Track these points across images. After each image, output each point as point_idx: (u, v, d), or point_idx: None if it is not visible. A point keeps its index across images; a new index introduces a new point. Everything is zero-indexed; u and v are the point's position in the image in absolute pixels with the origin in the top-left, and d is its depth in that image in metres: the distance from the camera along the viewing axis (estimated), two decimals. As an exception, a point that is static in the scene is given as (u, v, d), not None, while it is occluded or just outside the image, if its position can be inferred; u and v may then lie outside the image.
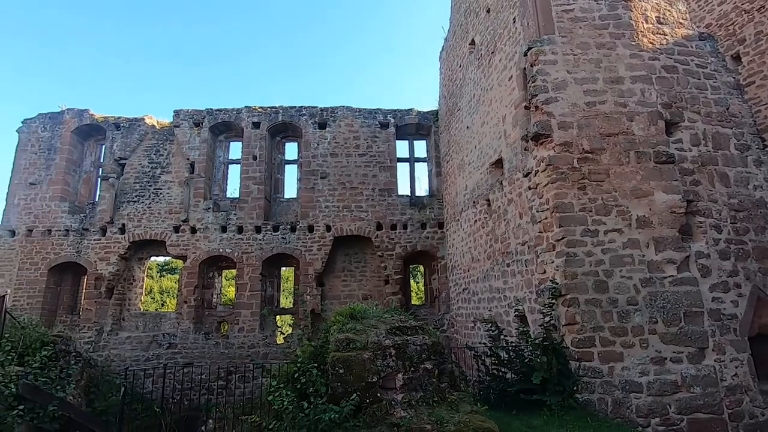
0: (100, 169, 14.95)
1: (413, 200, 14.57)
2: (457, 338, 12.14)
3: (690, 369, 5.70)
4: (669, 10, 7.14)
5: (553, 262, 6.28)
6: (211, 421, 7.77)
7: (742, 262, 6.20)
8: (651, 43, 6.81)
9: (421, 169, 15.61)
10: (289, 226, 13.90)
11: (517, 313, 7.84)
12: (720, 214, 6.32)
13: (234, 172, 15.16)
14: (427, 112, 15.13)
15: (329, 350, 4.60)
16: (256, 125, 14.61)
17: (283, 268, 16.06)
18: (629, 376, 5.66)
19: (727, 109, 6.80)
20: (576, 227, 6.08)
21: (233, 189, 14.92)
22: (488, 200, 9.78)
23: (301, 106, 14.88)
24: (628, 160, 6.28)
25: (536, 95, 6.51)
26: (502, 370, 6.32)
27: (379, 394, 4.29)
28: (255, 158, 14.34)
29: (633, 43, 6.75)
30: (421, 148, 15.64)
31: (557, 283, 6.12)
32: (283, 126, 14.96)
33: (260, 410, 5.26)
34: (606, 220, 6.11)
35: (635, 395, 5.61)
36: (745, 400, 5.71)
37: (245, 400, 8.62)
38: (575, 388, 5.68)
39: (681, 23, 7.11)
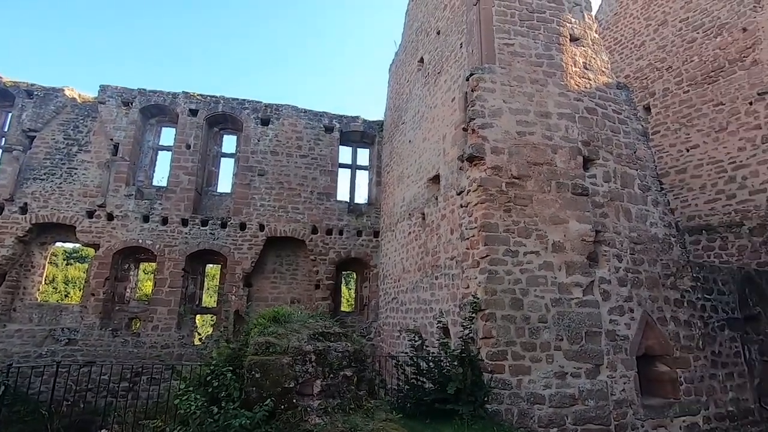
0: (3, 139, 13.28)
1: (351, 207, 14.62)
2: (383, 347, 12.28)
3: (586, 383, 6.26)
4: (594, 58, 7.92)
5: (476, 278, 6.61)
6: (104, 430, 7.09)
7: (636, 289, 6.96)
8: (577, 85, 7.50)
9: (362, 176, 15.74)
10: (219, 222, 13.28)
11: (440, 324, 8.12)
12: (622, 245, 7.06)
13: (164, 160, 14.31)
14: (373, 121, 15.32)
15: (247, 353, 4.46)
16: (193, 113, 13.86)
17: (210, 266, 15.29)
18: (534, 388, 6.09)
19: (635, 152, 7.65)
20: (499, 247, 6.47)
21: (161, 177, 14.01)
22: (423, 214, 10.08)
23: (245, 99, 14.39)
24: (550, 188, 6.83)
25: (474, 119, 6.88)
26: (421, 379, 6.50)
27: (295, 400, 4.22)
28: (189, 147, 13.57)
29: (562, 83, 7.39)
30: (363, 156, 15.78)
31: (478, 298, 6.45)
32: (222, 117, 14.35)
33: (165, 415, 4.94)
34: (526, 242, 6.57)
35: (538, 407, 6.03)
36: (629, 413, 6.38)
37: (152, 404, 8.01)
38: (486, 399, 6.00)
39: (603, 71, 7.92)
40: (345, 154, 15.37)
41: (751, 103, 10.88)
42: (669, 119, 12.64)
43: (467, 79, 7.27)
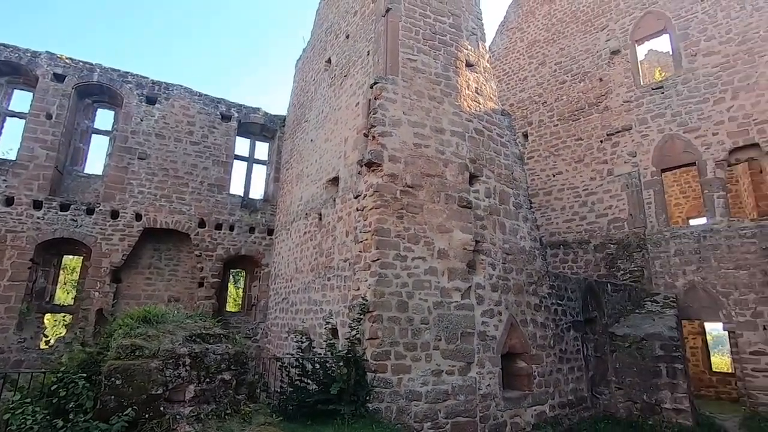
0: None
1: (246, 202, 13.91)
2: (270, 348, 11.89)
3: (458, 380, 6.84)
4: (485, 85, 8.76)
5: (366, 280, 6.80)
6: None
7: (505, 294, 7.83)
8: (469, 107, 8.21)
9: (260, 171, 15.09)
10: (84, 207, 11.57)
11: (330, 325, 8.15)
12: (496, 255, 7.89)
13: (14, 128, 11.97)
14: (275, 115, 14.82)
15: (108, 358, 3.96)
16: (59, 78, 11.90)
17: (68, 257, 13.24)
18: (413, 386, 6.46)
19: (512, 173, 8.62)
20: (390, 251, 6.75)
21: (8, 148, 11.72)
22: (320, 214, 10.04)
23: (128, 72, 12.81)
24: (439, 199, 7.34)
25: (375, 126, 7.10)
26: (306, 381, 6.45)
27: (162, 408, 3.87)
28: (50, 117, 11.60)
29: (456, 103, 8.02)
30: (263, 150, 15.18)
31: (367, 300, 6.63)
32: (98, 88, 12.56)
33: (-8, 433, 4.13)
34: (415, 248, 6.96)
35: (415, 403, 6.41)
36: (492, 405, 7.12)
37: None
38: (368, 398, 6.18)
39: (492, 98, 8.79)
40: (242, 145, 14.61)
41: (601, 141, 13.03)
42: (542, 147, 14.51)
43: (371, 87, 7.48)
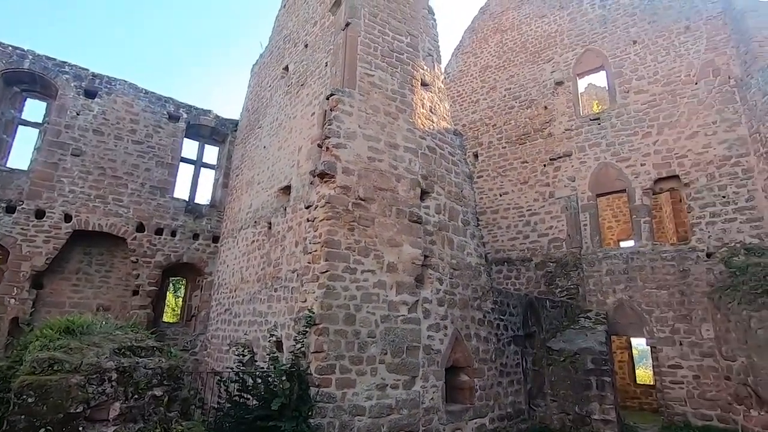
0: None
1: (190, 207, 13.29)
2: (209, 362, 11.30)
3: (403, 394, 6.86)
4: (439, 104, 9.05)
5: (314, 292, 6.69)
6: None
7: (451, 309, 8.00)
8: (423, 125, 8.44)
9: (208, 176, 14.50)
10: (4, 205, 10.53)
11: (274, 338, 7.91)
12: (444, 270, 8.07)
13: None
14: (227, 119, 14.38)
15: (20, 373, 3.59)
16: (-15, 63, 10.87)
17: (-20, 259, 11.90)
18: (357, 400, 6.39)
19: (462, 191, 8.92)
20: (339, 263, 6.70)
21: None
22: (270, 223, 9.80)
23: (65, 62, 11.93)
24: (391, 213, 7.42)
25: (330, 137, 7.09)
26: (246, 396, 6.19)
27: (81, 428, 3.55)
28: (-31, 104, 10.52)
29: (411, 120, 8.22)
30: (212, 154, 14.63)
31: (314, 313, 6.52)
32: (29, 76, 11.59)
33: None
34: (365, 261, 6.96)
35: (359, 418, 6.34)
36: (435, 419, 7.20)
37: None
38: (310, 413, 6.02)
39: (445, 117, 9.09)
40: (190, 148, 14.01)
41: (545, 165, 13.83)
42: (490, 167, 15.15)
43: (328, 98, 7.48)
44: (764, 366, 7.31)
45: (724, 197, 10.57)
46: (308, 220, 7.36)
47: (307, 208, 7.60)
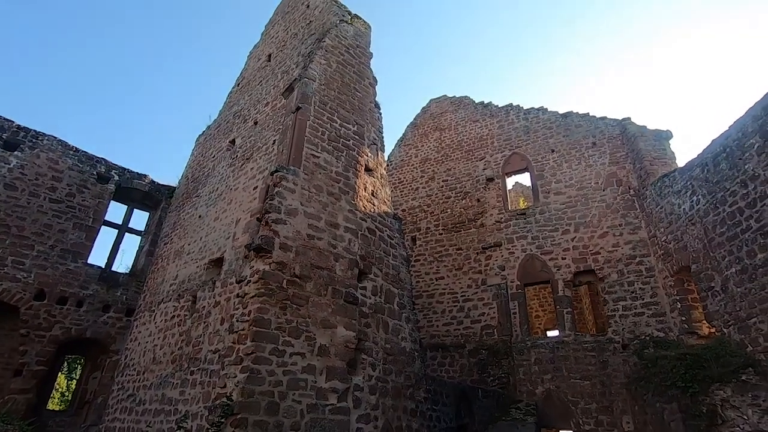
0: None
1: (106, 275, 12.10)
2: (95, 462, 9.51)
3: (325, 498, 6.13)
4: (381, 189, 9.49)
5: (236, 376, 6.12)
6: None
7: (383, 398, 7.62)
8: (364, 207, 8.72)
9: (133, 242, 13.51)
10: None
11: (182, 431, 6.94)
12: (377, 355, 7.82)
13: None
14: (163, 185, 13.89)
15: None
16: None
17: None
18: (272, 508, 5.60)
19: (399, 274, 9.03)
20: (267, 344, 6.28)
21: None
22: (195, 297, 9.12)
23: (-11, 113, 11.19)
24: (326, 293, 7.26)
25: (270, 212, 7.06)
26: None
27: None
28: None
29: (353, 202, 8.48)
30: (141, 219, 13.80)
31: (233, 400, 5.89)
32: (-58, 123, 10.64)
33: None
34: (295, 342, 6.59)
35: None
36: None
37: None
38: None
39: (385, 202, 9.49)
40: (117, 212, 13.15)
41: (478, 253, 14.56)
42: (427, 252, 15.65)
43: (272, 174, 7.58)
44: (679, 460, 7.55)
45: (632, 292, 11.63)
46: (238, 296, 6.97)
47: (238, 282, 7.24)
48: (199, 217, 10.95)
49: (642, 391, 9.10)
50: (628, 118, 13.67)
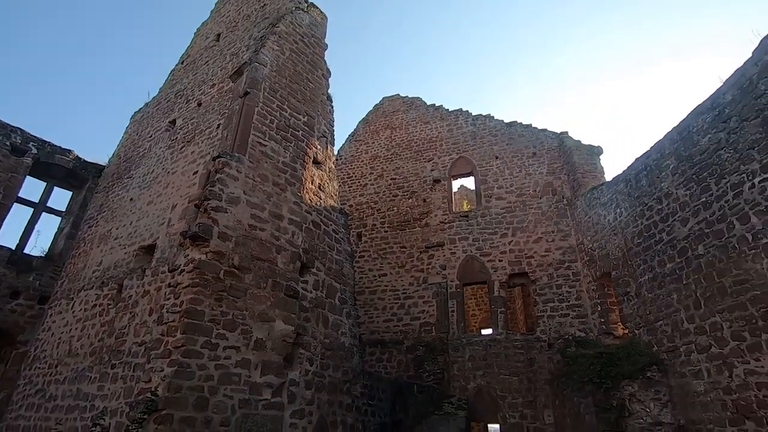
0: None
1: (17, 257, 10.92)
2: (-8, 464, 8.59)
3: (252, 496, 5.98)
4: (328, 183, 9.39)
5: (162, 370, 5.79)
6: None
7: (319, 393, 7.57)
8: (310, 200, 8.58)
9: (51, 223, 12.30)
10: None
11: (99, 428, 6.46)
12: (315, 350, 7.74)
13: None
14: (91, 163, 12.78)
15: None
16: None
17: None
18: (194, 507, 5.37)
19: (342, 269, 9.00)
20: (199, 337, 6.00)
21: None
22: (121, 285, 8.52)
23: None
24: (266, 285, 7.07)
25: (210, 199, 6.73)
26: None
27: None
28: None
29: (299, 194, 8.31)
30: (62, 198, 12.61)
31: (158, 395, 5.57)
32: None
33: None
34: (229, 335, 6.35)
35: None
36: None
37: None
38: None
39: (333, 196, 9.41)
40: (34, 189, 11.91)
41: (421, 252, 14.87)
42: (372, 249, 15.73)
43: (215, 159, 7.24)
44: (591, 450, 8.22)
45: (560, 295, 12.46)
46: (170, 286, 6.59)
47: (171, 271, 6.84)
48: (131, 200, 10.21)
49: (563, 387, 9.78)
50: (566, 132, 14.59)
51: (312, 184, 8.78)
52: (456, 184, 17.49)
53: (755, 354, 6.30)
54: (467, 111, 16.80)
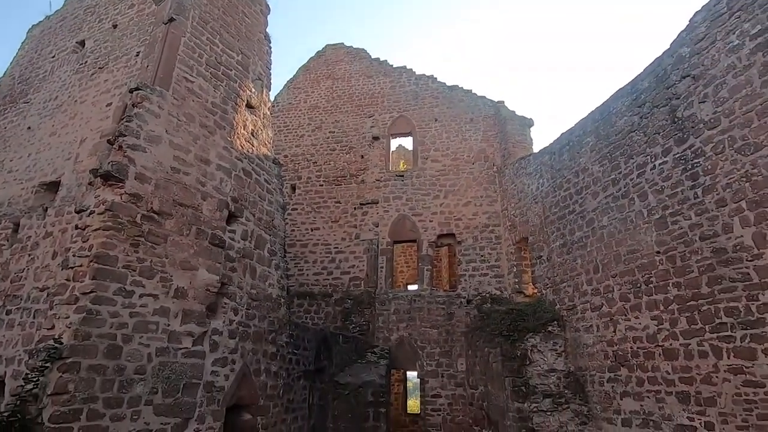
0: None
1: None
2: None
3: (170, 440, 5.96)
4: (262, 130, 8.91)
5: (68, 317, 5.37)
6: None
7: (243, 342, 7.55)
8: (241, 146, 8.12)
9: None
10: None
11: (-9, 378, 5.94)
12: (241, 300, 7.63)
13: None
14: (-24, 81, 10.88)
15: None
16: None
17: None
18: (104, 453, 5.24)
19: (273, 220, 8.79)
20: (111, 284, 5.61)
21: None
22: (18, 224, 7.62)
23: None
24: (189, 233, 6.71)
25: (125, 136, 6.09)
26: None
27: None
28: None
29: (229, 138, 7.81)
30: (-62, 120, 10.67)
31: (62, 343, 5.19)
32: None
33: None
34: (147, 283, 6.02)
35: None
36: (205, 466, 6.46)
37: None
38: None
39: (266, 144, 8.98)
40: None
41: (355, 208, 14.94)
42: (306, 202, 15.49)
43: (132, 91, 6.49)
44: (495, 393, 9.21)
45: (482, 256, 13.33)
46: (77, 228, 6.01)
47: (78, 212, 6.21)
48: (29, 128, 8.95)
49: (476, 339, 10.70)
50: (503, 102, 15.04)
51: (244, 129, 8.28)
52: (395, 143, 17.51)
53: (636, 313, 7.30)
54: (411, 69, 16.60)
